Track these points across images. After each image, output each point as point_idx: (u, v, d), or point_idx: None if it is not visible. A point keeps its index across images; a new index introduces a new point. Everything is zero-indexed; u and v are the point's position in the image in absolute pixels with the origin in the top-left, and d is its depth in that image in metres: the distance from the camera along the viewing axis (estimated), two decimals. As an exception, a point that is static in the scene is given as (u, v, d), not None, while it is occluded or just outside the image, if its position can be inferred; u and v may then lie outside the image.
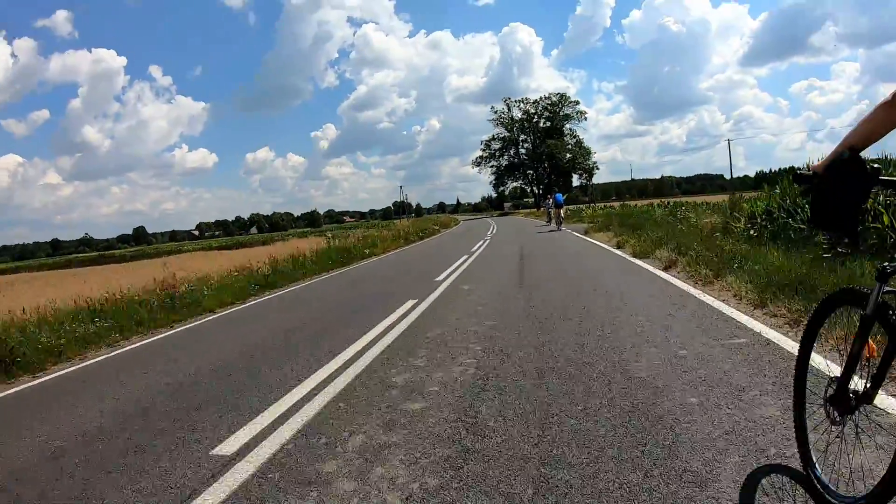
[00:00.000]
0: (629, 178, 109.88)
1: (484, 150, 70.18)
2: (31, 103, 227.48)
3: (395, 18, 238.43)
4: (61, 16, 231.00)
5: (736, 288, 5.20)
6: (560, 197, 22.30)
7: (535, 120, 68.93)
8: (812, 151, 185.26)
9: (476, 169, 70.78)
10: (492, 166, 70.21)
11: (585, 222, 22.03)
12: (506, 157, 70.12)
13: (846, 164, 1.48)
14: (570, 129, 68.40)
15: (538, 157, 67.12)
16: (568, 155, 65.14)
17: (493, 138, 70.10)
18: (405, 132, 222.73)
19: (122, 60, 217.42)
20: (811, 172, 1.61)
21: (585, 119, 69.83)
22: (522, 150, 69.92)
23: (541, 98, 69.20)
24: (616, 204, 45.29)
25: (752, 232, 8.88)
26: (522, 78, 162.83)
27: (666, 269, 7.64)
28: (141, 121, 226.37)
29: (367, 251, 17.86)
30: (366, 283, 10.43)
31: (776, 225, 8.24)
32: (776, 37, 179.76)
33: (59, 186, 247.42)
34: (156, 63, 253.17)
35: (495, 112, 69.52)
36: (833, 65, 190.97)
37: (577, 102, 68.70)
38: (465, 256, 12.99)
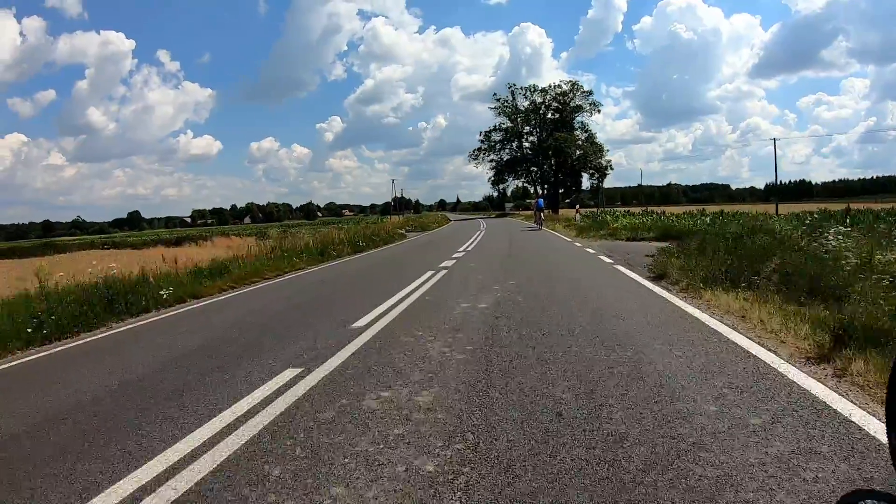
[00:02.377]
0: (634, 185, 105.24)
1: (483, 142, 63.90)
2: (37, 83, 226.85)
3: (405, 13, 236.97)
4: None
5: None
6: (541, 202, 28.75)
7: (542, 111, 62.95)
8: (816, 166, 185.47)
9: (473, 163, 64.73)
10: (491, 161, 63.96)
11: (620, 236, 16.24)
12: (507, 150, 63.88)
13: None
14: (582, 122, 62.42)
15: (544, 151, 60.76)
16: (578, 151, 59.10)
17: (495, 129, 63.45)
18: (411, 128, 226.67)
19: (131, 44, 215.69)
20: None
21: (599, 111, 63.92)
22: (526, 144, 63.64)
23: (550, 86, 62.87)
24: (631, 209, 39.79)
25: None
26: (531, 79, 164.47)
27: None
28: (147, 105, 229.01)
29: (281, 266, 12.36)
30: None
31: None
32: (787, 49, 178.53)
33: (62, 167, 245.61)
34: (164, 48, 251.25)
35: (498, 100, 63.38)
36: (843, 80, 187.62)
37: (591, 93, 62.05)
38: (405, 291, 7.35)
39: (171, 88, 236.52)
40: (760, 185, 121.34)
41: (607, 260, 10.63)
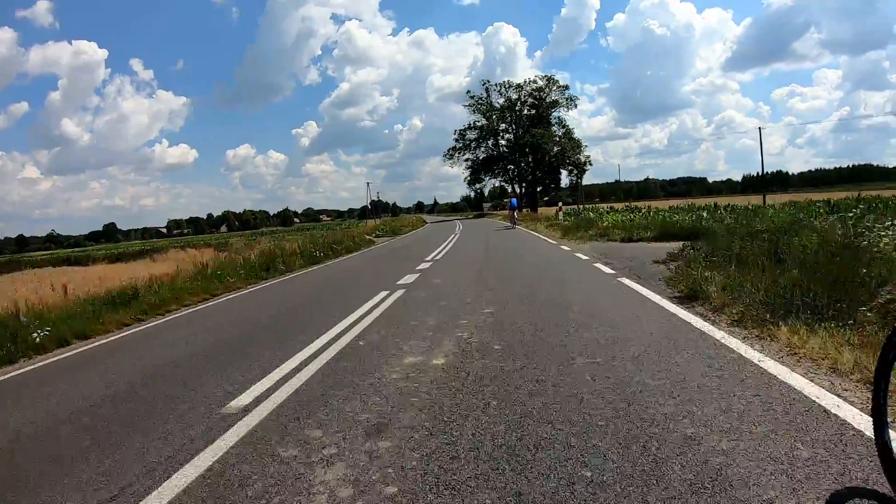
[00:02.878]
0: (612, 181, 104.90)
1: (458, 140, 61.45)
2: (9, 95, 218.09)
3: (378, 16, 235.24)
4: (42, 6, 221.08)
5: None
6: (514, 201, 31.54)
7: (517, 108, 60.97)
8: (791, 157, 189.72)
9: (448, 162, 62.35)
10: (466, 160, 61.53)
11: (613, 236, 14.97)
12: (483, 148, 61.53)
13: None
14: (559, 117, 60.59)
15: (521, 148, 58.66)
16: (556, 147, 57.20)
17: (470, 127, 61.00)
18: (387, 131, 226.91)
19: (104, 53, 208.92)
20: None
21: (576, 106, 62.17)
22: (503, 142, 61.37)
23: (525, 81, 60.81)
24: (613, 205, 38.11)
25: None
26: (506, 78, 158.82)
27: None
28: (121, 114, 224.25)
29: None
30: None
31: None
32: (759, 42, 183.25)
33: (36, 181, 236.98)
34: (137, 56, 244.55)
35: (472, 97, 61.12)
36: (815, 71, 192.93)
37: (567, 87, 60.26)
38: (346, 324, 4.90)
39: (145, 97, 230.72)
40: (736, 178, 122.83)
41: (607, 270, 8.47)
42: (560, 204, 28.89)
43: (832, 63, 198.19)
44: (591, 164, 58.61)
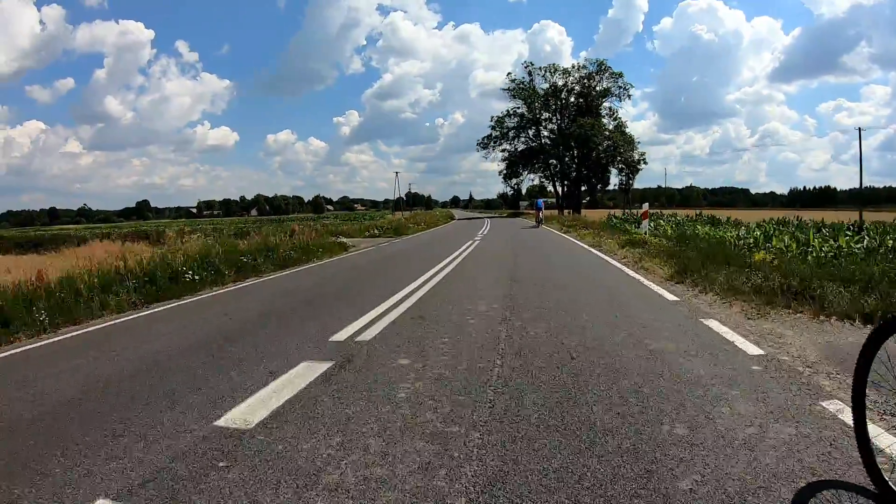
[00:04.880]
0: (654, 186, 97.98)
1: (495, 129, 53.78)
2: (56, 71, 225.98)
3: (424, 8, 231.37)
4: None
5: None
6: (540, 202, 31.22)
7: (563, 95, 53.09)
8: (836, 173, 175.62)
9: (483, 152, 54.93)
10: (503, 150, 53.98)
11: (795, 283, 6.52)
12: (522, 139, 53.81)
13: None
14: (610, 107, 52.36)
15: (565, 141, 50.78)
16: (606, 142, 49.14)
17: (508, 114, 52.97)
18: (428, 124, 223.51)
19: (150, 34, 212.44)
20: None
21: (629, 97, 53.69)
22: (545, 133, 53.36)
23: (573, 66, 52.88)
24: (662, 211, 30.35)
25: None
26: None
27: None
28: (164, 95, 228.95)
29: None
30: None
31: None
32: (808, 54, 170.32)
33: (78, 155, 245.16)
34: (183, 38, 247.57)
35: (513, 81, 53.42)
36: (864, 87, 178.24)
37: (621, 75, 51.70)
38: None
39: (189, 79, 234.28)
40: (778, 190, 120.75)
41: None
42: (645, 207, 16.77)
43: (881, 79, 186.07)
44: (645, 163, 50.39)
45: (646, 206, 13.59)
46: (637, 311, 5.59)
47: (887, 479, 1.85)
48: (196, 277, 8.85)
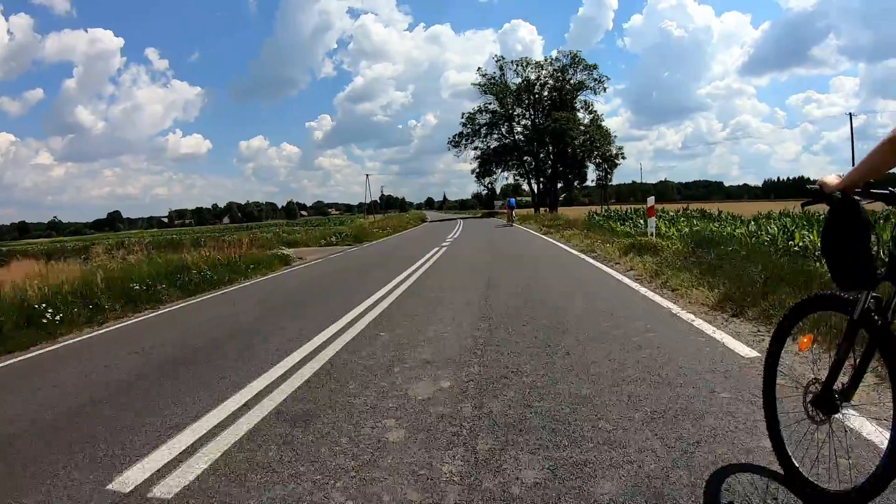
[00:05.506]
0: (629, 182, 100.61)
1: (466, 126, 51.47)
2: (26, 81, 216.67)
3: (395, 10, 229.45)
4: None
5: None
6: (513, 201, 33.75)
7: (536, 89, 51.13)
8: (807, 164, 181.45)
9: (454, 151, 52.56)
10: (475, 148, 51.57)
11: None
12: (495, 135, 51.63)
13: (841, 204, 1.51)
14: (585, 101, 50.63)
15: (539, 136, 48.87)
16: (582, 136, 47.28)
17: (480, 110, 50.93)
18: (401, 126, 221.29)
19: (119, 41, 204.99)
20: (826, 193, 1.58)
21: (605, 90, 52.29)
22: (518, 129, 51.30)
23: (546, 60, 51.11)
24: (672, 207, 28.64)
25: None
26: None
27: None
28: (135, 104, 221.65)
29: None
30: None
31: None
32: (777, 47, 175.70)
33: (50, 167, 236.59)
34: (153, 46, 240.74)
35: (484, 76, 51.33)
36: (833, 78, 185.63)
37: (595, 67, 50.17)
38: None
39: (160, 87, 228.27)
40: (752, 182, 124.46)
41: None
42: (651, 202, 11.61)
43: (850, 70, 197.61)
44: (623, 157, 48.82)
45: (651, 200, 10.72)
46: (702, 393, 2.82)
47: (796, 464, 1.83)
48: (57, 318, 6.53)
